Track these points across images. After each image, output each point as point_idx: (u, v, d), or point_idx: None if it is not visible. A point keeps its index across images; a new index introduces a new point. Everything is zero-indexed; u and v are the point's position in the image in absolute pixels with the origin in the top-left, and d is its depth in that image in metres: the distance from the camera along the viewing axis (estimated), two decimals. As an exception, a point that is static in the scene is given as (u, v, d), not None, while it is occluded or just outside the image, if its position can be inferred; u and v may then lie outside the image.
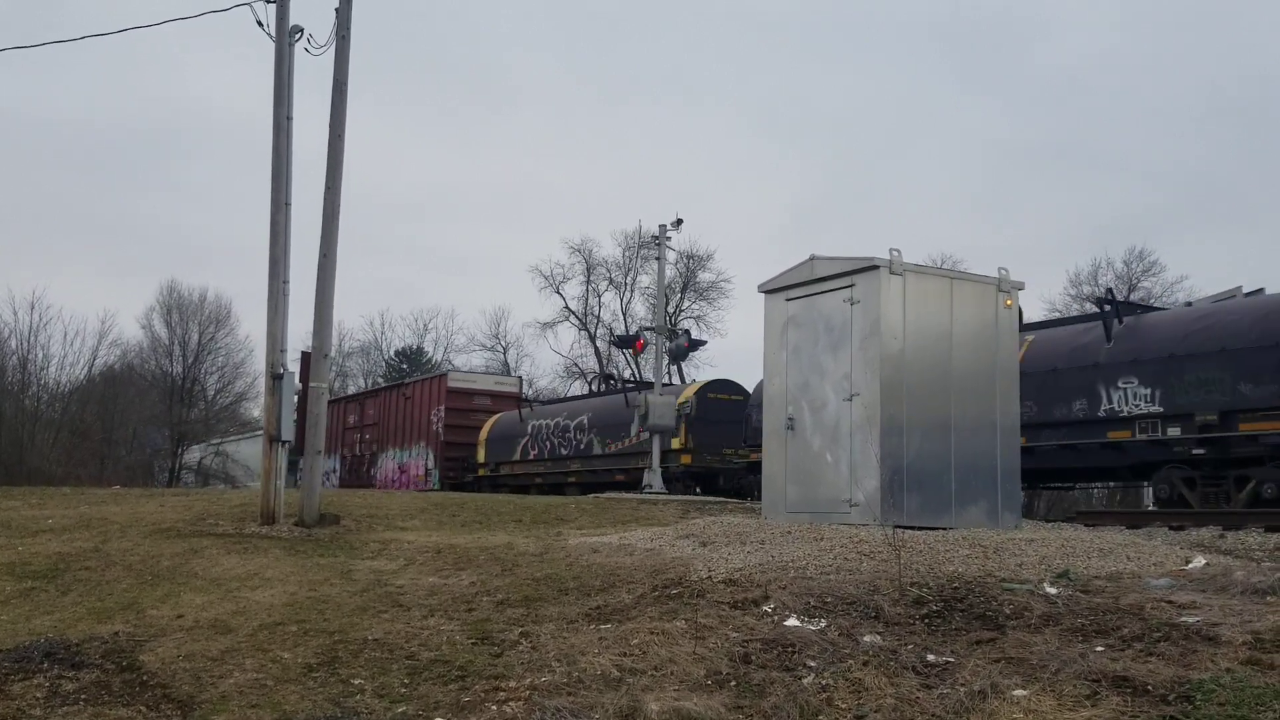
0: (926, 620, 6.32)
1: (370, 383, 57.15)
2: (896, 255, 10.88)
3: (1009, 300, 11.64)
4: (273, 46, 12.18)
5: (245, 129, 78.16)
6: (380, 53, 78.02)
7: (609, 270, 53.08)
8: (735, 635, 6.09)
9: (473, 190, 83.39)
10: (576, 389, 48.61)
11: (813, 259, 11.57)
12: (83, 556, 9.50)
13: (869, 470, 10.56)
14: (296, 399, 12.10)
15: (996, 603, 6.55)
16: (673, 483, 21.20)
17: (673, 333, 22.19)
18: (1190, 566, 7.92)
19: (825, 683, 5.40)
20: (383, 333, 63.26)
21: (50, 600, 8.05)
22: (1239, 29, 68.00)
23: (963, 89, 77.18)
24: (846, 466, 10.82)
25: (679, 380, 33.94)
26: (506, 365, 54.91)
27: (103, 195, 77.28)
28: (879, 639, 5.99)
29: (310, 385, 12.07)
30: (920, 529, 9.58)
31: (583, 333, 53.17)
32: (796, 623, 6.29)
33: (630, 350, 23.29)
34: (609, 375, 23.67)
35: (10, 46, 39.99)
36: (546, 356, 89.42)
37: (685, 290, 50.50)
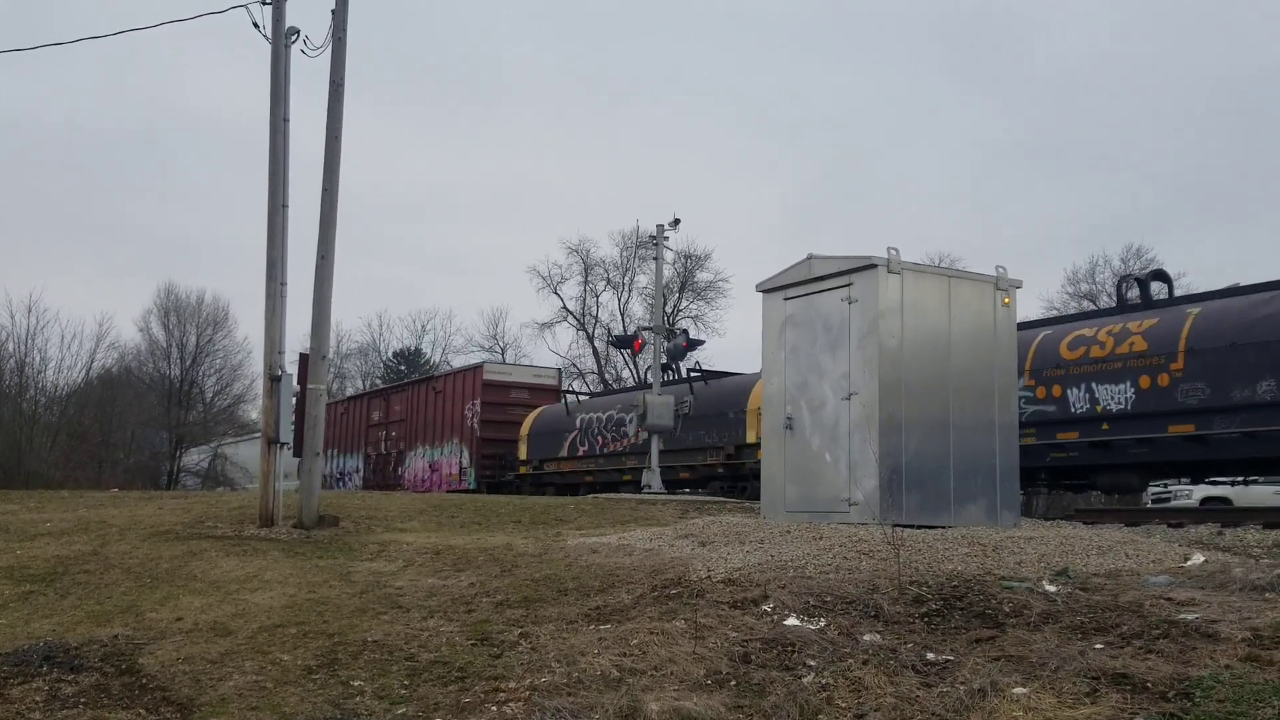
0: (926, 619, 6.32)
1: (369, 384, 57.10)
2: (894, 254, 10.89)
3: (1007, 299, 11.65)
4: (269, 48, 12.18)
5: (242, 130, 78.25)
6: (379, 53, 78.08)
7: (607, 270, 53.15)
8: (735, 635, 6.09)
9: (470, 190, 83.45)
10: (578, 389, 48.60)
11: (810, 258, 11.57)
12: (81, 560, 9.49)
13: (868, 469, 10.56)
14: (295, 401, 12.09)
15: (996, 601, 6.55)
16: (752, 480, 19.14)
17: (671, 333, 22.13)
18: (1189, 563, 7.93)
19: (825, 682, 5.40)
20: (381, 334, 63.33)
21: (49, 603, 8.04)
22: (1236, 28, 68.10)
23: (961, 88, 77.27)
24: (845, 466, 10.83)
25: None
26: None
27: (100, 197, 77.30)
28: (878, 638, 5.99)
29: (308, 387, 12.06)
30: (919, 528, 9.59)
31: (580, 333, 53.26)
32: (796, 622, 6.29)
33: (628, 350, 23.06)
34: (666, 365, 22.60)
35: (6, 49, 40.00)
36: (544, 357, 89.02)
37: (683, 290, 50.57)
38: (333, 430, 35.22)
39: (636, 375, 37.94)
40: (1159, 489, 22.95)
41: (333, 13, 12.24)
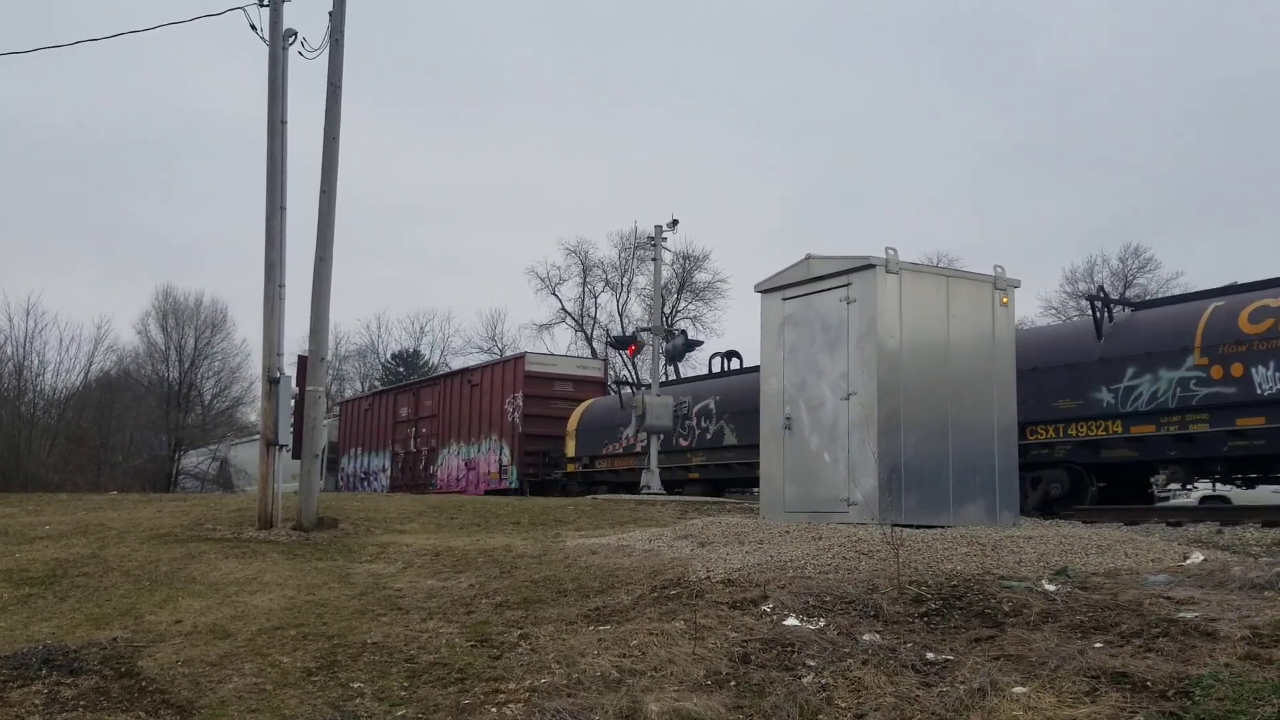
0: (925, 618, 6.33)
1: (368, 386, 57.07)
2: (892, 254, 10.89)
3: (1005, 298, 11.66)
4: (267, 50, 12.18)
5: (240, 132, 78.21)
6: (379, 55, 78.04)
7: (605, 272, 53.18)
8: (734, 635, 6.09)
9: (470, 192, 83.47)
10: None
11: (809, 258, 11.58)
12: (80, 562, 9.49)
13: (867, 469, 10.57)
14: (293, 403, 12.09)
15: (995, 600, 6.55)
16: None
17: (669, 333, 22.11)
18: (1188, 562, 7.93)
19: (825, 682, 5.40)
20: (379, 336, 63.29)
21: (48, 606, 8.04)
22: (1236, 30, 68.15)
23: (961, 90, 77.33)
24: (844, 466, 10.83)
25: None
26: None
27: (97, 199, 77.28)
28: (878, 637, 5.99)
29: (307, 389, 12.06)
30: (918, 527, 9.59)
31: (579, 334, 53.23)
32: (795, 622, 6.29)
33: (627, 351, 22.92)
34: (734, 352, 21.07)
35: (4, 52, 39.98)
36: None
37: (681, 291, 50.61)
38: (356, 428, 34.38)
39: (635, 376, 37.76)
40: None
41: (330, 15, 12.25)
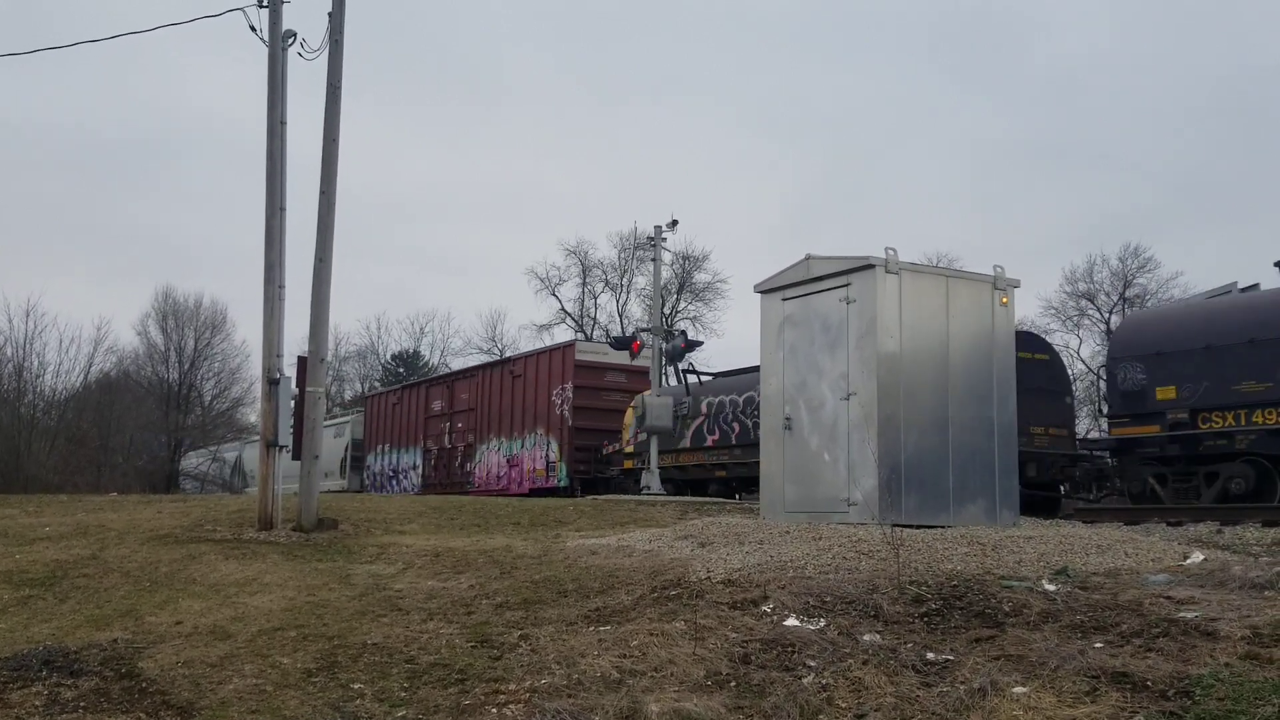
0: (926, 618, 6.33)
1: (367, 387, 57.02)
2: (892, 254, 10.89)
3: (1005, 298, 11.66)
4: (266, 51, 12.18)
5: (240, 133, 78.16)
6: (378, 54, 78.01)
7: (605, 272, 53.22)
8: (735, 636, 6.09)
9: (469, 191, 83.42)
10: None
11: (808, 258, 11.58)
12: (80, 564, 9.49)
13: (867, 469, 10.57)
14: (293, 404, 12.09)
15: (995, 600, 6.56)
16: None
17: (669, 334, 22.09)
18: (1188, 562, 7.93)
19: (825, 682, 5.40)
20: (379, 336, 63.26)
21: (48, 608, 8.04)
22: (1234, 27, 68.15)
23: (961, 88, 77.29)
24: (844, 466, 10.83)
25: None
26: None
27: (97, 200, 77.23)
28: (878, 638, 5.99)
29: (307, 390, 12.06)
30: (918, 527, 9.59)
31: (579, 335, 53.21)
32: (796, 622, 6.29)
33: (626, 352, 22.81)
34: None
35: (5, 54, 39.94)
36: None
37: (681, 291, 50.61)
38: (383, 423, 32.46)
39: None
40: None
41: (329, 16, 12.25)
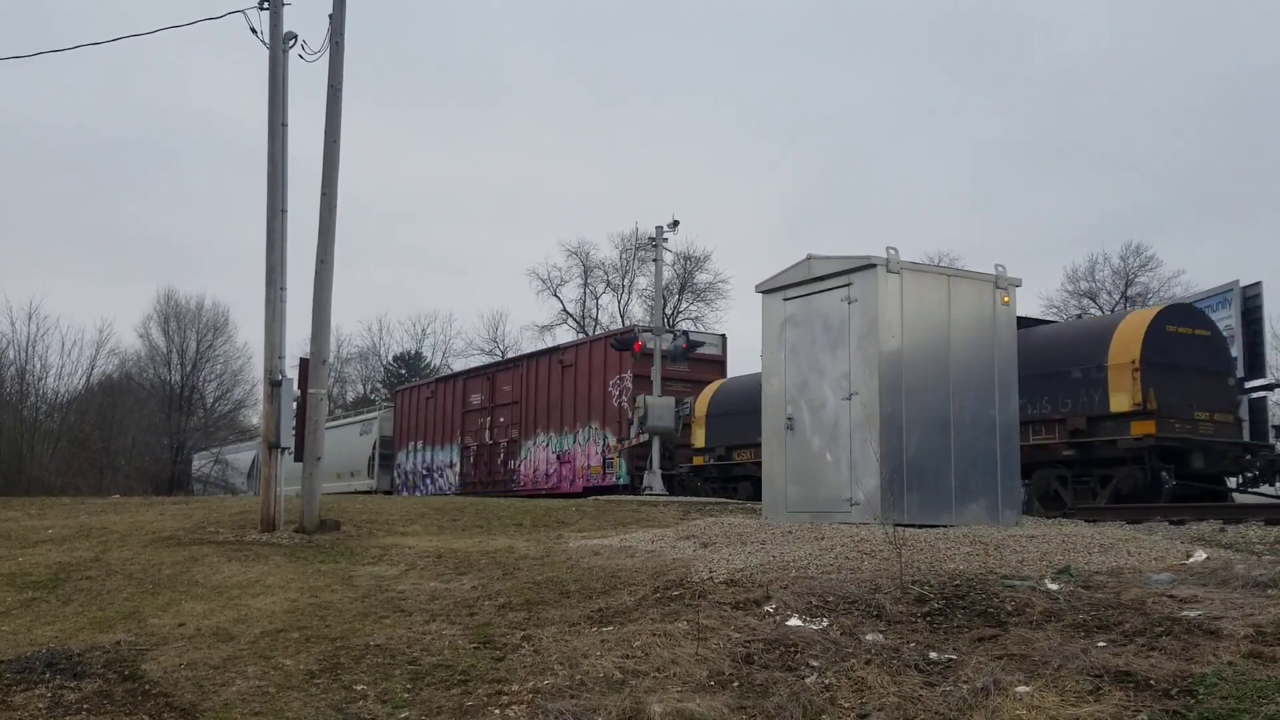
0: (928, 618, 6.32)
1: (369, 388, 57.05)
2: (893, 254, 10.89)
3: (1006, 297, 11.65)
4: (267, 53, 12.19)
5: (241, 135, 78.29)
6: (379, 54, 78.13)
7: (606, 273, 53.30)
8: (737, 636, 6.08)
9: (470, 192, 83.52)
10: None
11: (810, 258, 11.58)
12: (83, 566, 9.49)
13: (869, 469, 10.56)
14: (295, 405, 12.10)
15: (998, 600, 6.55)
16: (1126, 466, 14.40)
17: (672, 334, 22.07)
18: (1191, 561, 7.92)
19: (828, 682, 5.40)
20: (381, 338, 63.32)
21: (51, 610, 8.04)
22: (1235, 26, 68.11)
23: (960, 88, 77.29)
24: (846, 466, 10.83)
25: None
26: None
27: (98, 202, 77.34)
28: (881, 637, 5.99)
29: (309, 391, 12.07)
30: (921, 527, 9.59)
31: (580, 335, 53.25)
32: (798, 622, 6.29)
33: (628, 352, 22.72)
34: None
35: (5, 56, 40.01)
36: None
37: (683, 291, 50.67)
38: (415, 419, 31.03)
39: None
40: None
41: (330, 17, 12.25)
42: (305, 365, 12.20)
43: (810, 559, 7.89)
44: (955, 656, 5.65)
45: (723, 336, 26.08)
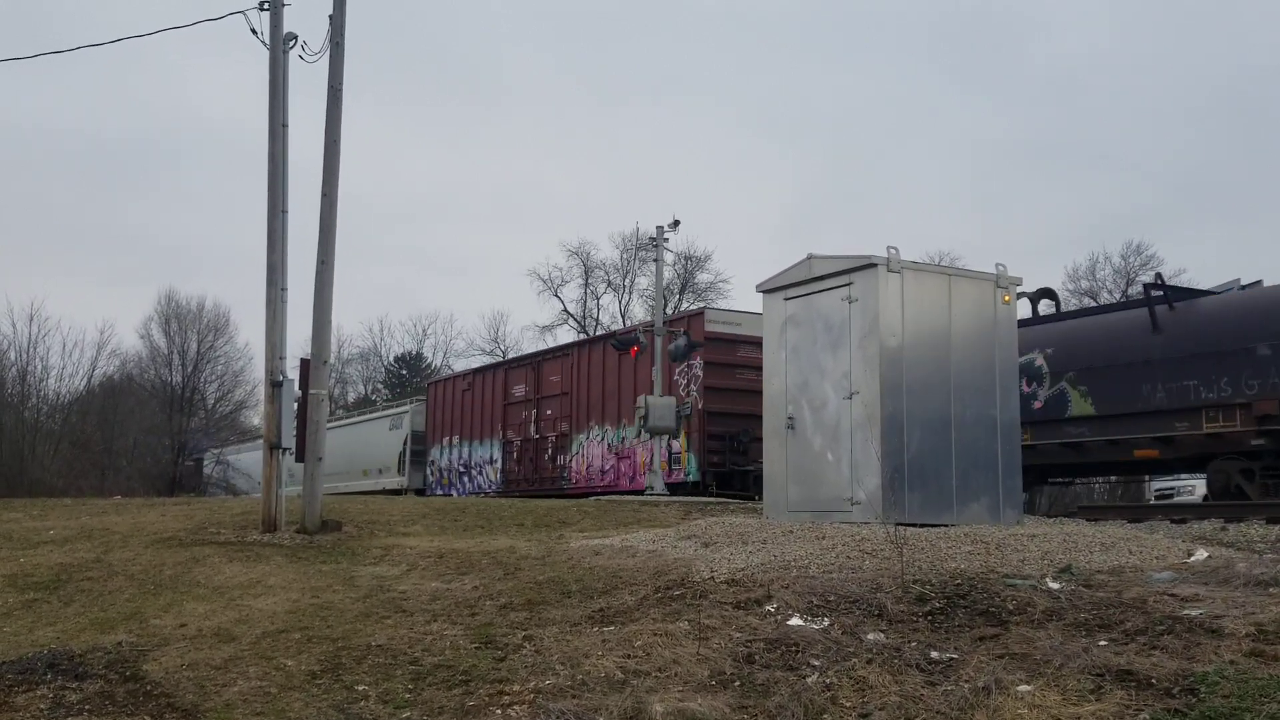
0: (930, 617, 6.32)
1: (370, 389, 57.03)
2: (894, 253, 10.89)
3: (1007, 296, 11.65)
4: (267, 54, 12.19)
5: (241, 136, 78.26)
6: (379, 54, 78.13)
7: (607, 273, 53.27)
8: (738, 635, 6.08)
9: (470, 192, 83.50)
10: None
11: (810, 258, 11.58)
12: (85, 567, 9.50)
13: (870, 468, 10.56)
14: (296, 406, 12.11)
15: (999, 599, 6.55)
16: None
17: (672, 334, 22.06)
18: (1192, 559, 7.92)
19: (829, 681, 5.40)
20: (382, 338, 63.29)
21: (53, 611, 8.04)
22: (1234, 25, 68.10)
23: (960, 87, 77.29)
24: (847, 465, 10.82)
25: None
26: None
27: (99, 203, 77.35)
28: (882, 637, 5.99)
29: (310, 392, 12.07)
30: (922, 526, 9.59)
31: (581, 335, 53.27)
32: (799, 622, 6.29)
33: (628, 352, 22.61)
34: (1048, 290, 16.22)
35: (6, 58, 40.04)
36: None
37: (684, 291, 50.62)
38: (450, 412, 29.04)
39: None
40: (1163, 485, 22.93)
41: (330, 18, 12.25)
42: (306, 366, 12.21)
43: (811, 558, 7.90)
44: (957, 656, 5.65)
45: None
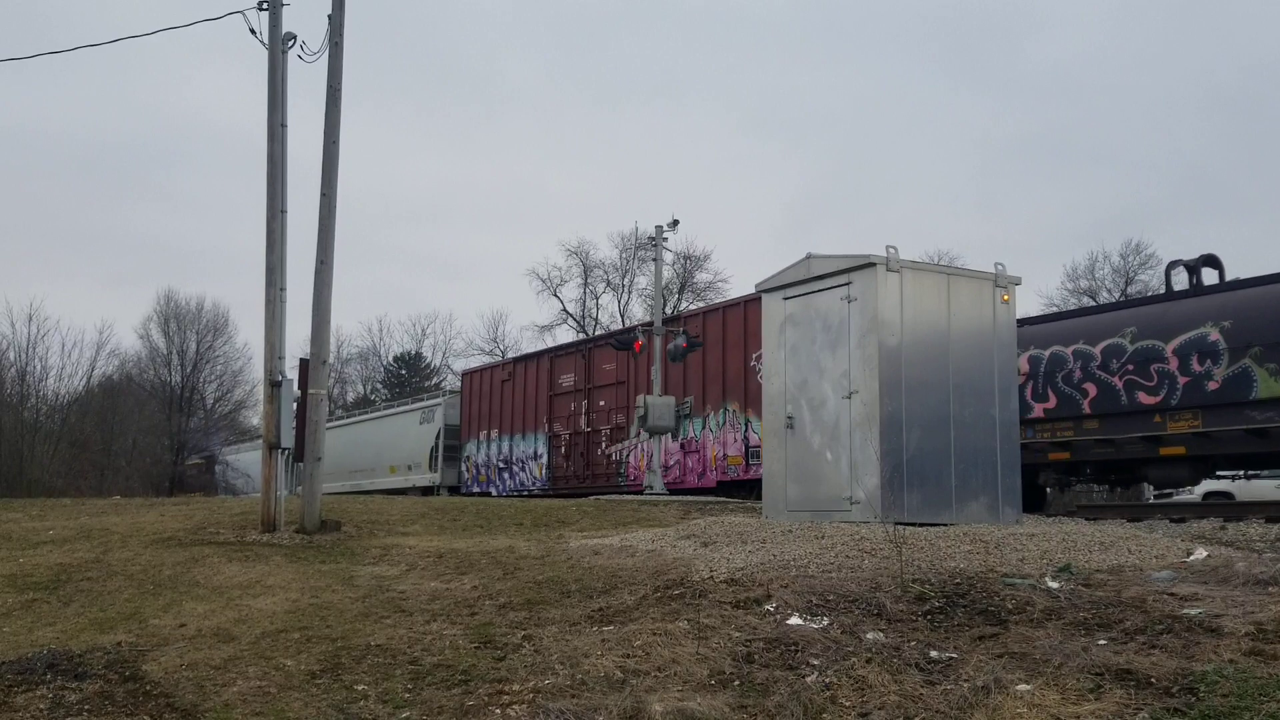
0: (929, 616, 6.32)
1: (369, 389, 57.01)
2: (893, 252, 10.89)
3: (1006, 295, 11.66)
4: (266, 54, 12.19)
5: (240, 136, 78.27)
6: (378, 55, 78.11)
7: (606, 272, 53.31)
8: (738, 635, 6.08)
9: (469, 192, 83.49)
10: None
11: (809, 257, 11.58)
12: (84, 567, 9.49)
13: (869, 468, 10.56)
14: (296, 406, 12.11)
15: (999, 598, 6.55)
16: None
17: (671, 333, 22.05)
18: (1192, 558, 7.92)
19: (829, 681, 5.39)
20: (381, 338, 63.31)
21: (52, 611, 8.04)
22: (1232, 22, 68.11)
23: (958, 85, 77.29)
24: (846, 464, 10.83)
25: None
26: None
27: (98, 204, 77.35)
28: (882, 636, 5.99)
29: (309, 392, 12.07)
30: (921, 525, 9.59)
31: (581, 335, 53.25)
32: (799, 621, 6.29)
33: (628, 352, 22.57)
34: (1211, 256, 15.51)
35: (5, 59, 40.01)
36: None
37: (683, 291, 50.65)
38: (488, 405, 27.26)
39: None
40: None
41: (329, 18, 12.25)
42: (305, 366, 12.21)
43: (810, 558, 7.90)
44: (956, 655, 5.65)
45: None
